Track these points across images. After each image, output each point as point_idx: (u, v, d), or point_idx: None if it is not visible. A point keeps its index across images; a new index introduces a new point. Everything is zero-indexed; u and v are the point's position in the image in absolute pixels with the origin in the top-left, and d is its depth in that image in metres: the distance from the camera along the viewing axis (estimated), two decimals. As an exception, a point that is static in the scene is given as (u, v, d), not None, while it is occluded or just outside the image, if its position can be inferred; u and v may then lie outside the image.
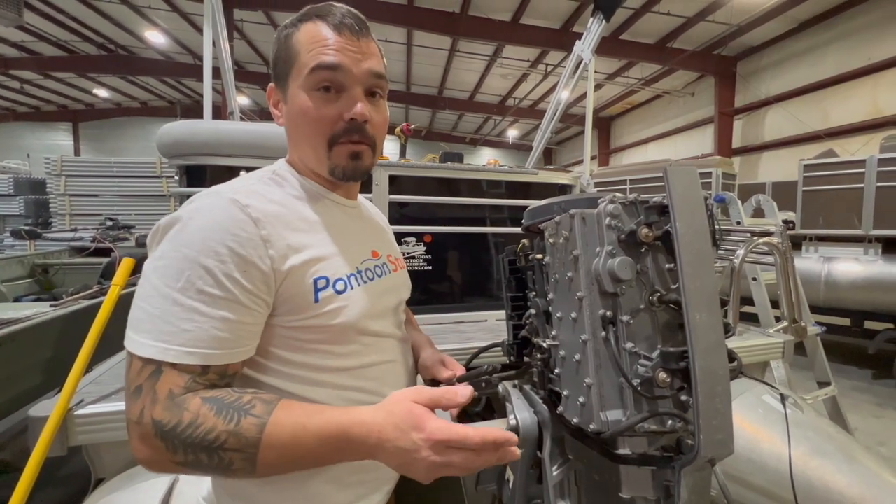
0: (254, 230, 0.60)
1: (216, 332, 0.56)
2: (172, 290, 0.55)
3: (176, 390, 0.54)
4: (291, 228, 0.66)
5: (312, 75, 0.66)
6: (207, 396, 0.55)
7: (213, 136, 1.57)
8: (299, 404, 0.57)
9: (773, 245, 2.19)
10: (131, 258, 1.20)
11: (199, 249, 0.57)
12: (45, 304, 2.24)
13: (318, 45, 0.66)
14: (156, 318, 0.55)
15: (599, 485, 0.61)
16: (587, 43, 2.41)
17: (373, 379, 0.73)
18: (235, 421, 0.53)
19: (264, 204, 0.64)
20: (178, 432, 0.52)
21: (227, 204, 0.61)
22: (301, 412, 0.55)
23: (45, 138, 15.98)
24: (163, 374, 0.54)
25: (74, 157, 6.66)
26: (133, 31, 10.59)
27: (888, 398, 4.06)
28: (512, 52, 10.63)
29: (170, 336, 0.54)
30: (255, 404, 0.55)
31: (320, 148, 0.70)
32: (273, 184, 0.72)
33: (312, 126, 0.69)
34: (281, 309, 0.64)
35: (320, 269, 0.66)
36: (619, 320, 0.55)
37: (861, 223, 4.42)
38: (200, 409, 0.53)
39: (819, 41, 8.42)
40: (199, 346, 0.55)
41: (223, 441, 0.52)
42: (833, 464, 1.16)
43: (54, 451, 0.93)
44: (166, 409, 0.53)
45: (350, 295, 0.69)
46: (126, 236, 4.66)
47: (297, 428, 0.54)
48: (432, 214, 1.92)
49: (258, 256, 0.60)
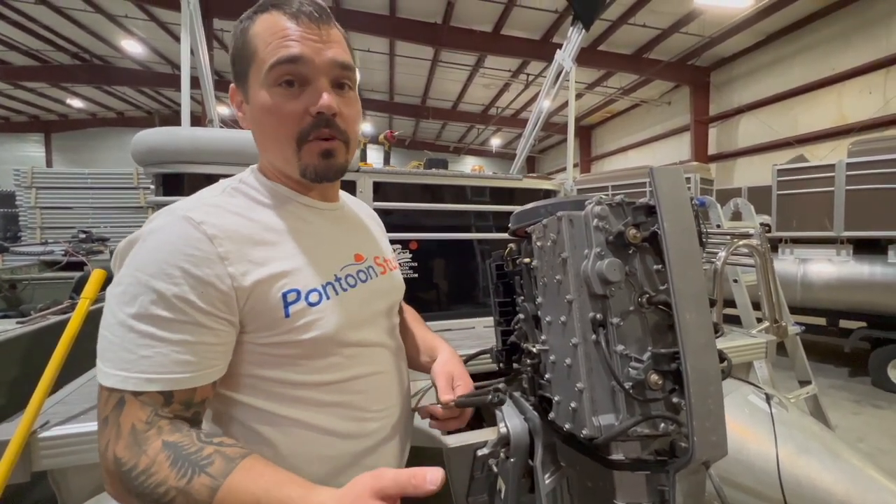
0: (209, 248, 0.57)
1: (176, 356, 0.54)
2: (128, 317, 0.53)
3: (139, 426, 0.52)
4: (254, 242, 0.62)
5: (272, 71, 0.62)
6: (169, 441, 0.52)
7: (190, 143, 1.53)
8: (264, 468, 0.52)
9: (753, 247, 2.24)
10: (103, 270, 1.14)
11: (151, 273, 0.54)
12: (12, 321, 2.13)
13: (276, 38, 0.61)
14: (115, 345, 0.53)
15: (593, 492, 0.59)
16: (568, 52, 2.45)
17: (357, 392, 0.70)
18: (188, 478, 0.49)
19: (223, 218, 0.61)
20: (132, 476, 0.50)
21: (181, 223, 0.58)
22: (261, 482, 0.50)
23: (14, 150, 15.44)
24: (126, 405, 0.52)
25: (46, 169, 6.44)
26: (109, 41, 10.37)
27: (865, 395, 4.18)
28: (494, 62, 10.79)
29: (129, 364, 0.52)
30: (213, 460, 0.51)
31: (288, 148, 0.65)
32: (238, 194, 0.68)
33: (277, 125, 0.64)
34: (250, 326, 0.61)
35: (290, 282, 0.62)
36: (610, 322, 0.55)
37: (833, 225, 4.58)
38: (157, 457, 0.50)
39: (786, 52, 8.80)
40: (160, 372, 0.53)
41: (171, 498, 0.49)
42: (819, 461, 1.18)
43: (16, 478, 0.87)
44: (127, 448, 0.51)
45: (326, 306, 0.65)
46: (100, 249, 4.50)
47: (255, 491, 0.49)
48: (418, 222, 1.91)
49: (215, 275, 0.57)
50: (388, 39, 9.63)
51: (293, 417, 0.64)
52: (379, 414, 0.73)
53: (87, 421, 0.96)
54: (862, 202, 4.39)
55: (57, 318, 2.09)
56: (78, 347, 1.05)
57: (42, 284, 3.60)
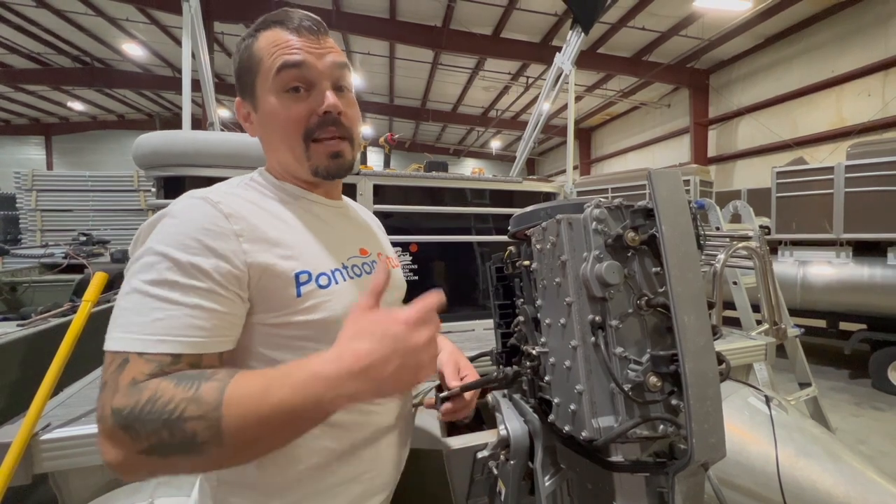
0: (226, 224, 0.60)
1: (190, 320, 0.54)
2: (144, 284, 0.55)
3: (139, 377, 0.50)
4: (269, 225, 0.65)
5: (279, 76, 0.67)
6: (174, 374, 0.51)
7: (191, 146, 1.53)
8: (267, 369, 0.53)
9: (753, 249, 2.24)
10: (104, 273, 1.15)
11: (169, 244, 0.57)
12: (12, 323, 2.13)
13: (280, 48, 0.67)
14: (128, 311, 0.54)
15: (592, 494, 0.60)
16: (567, 55, 2.47)
17: None
18: (196, 387, 0.49)
19: (238, 203, 0.64)
20: (136, 413, 0.47)
21: (199, 202, 0.61)
22: (265, 373, 0.51)
23: (15, 153, 15.46)
24: (128, 363, 0.51)
25: (46, 172, 6.45)
26: (110, 44, 10.41)
27: (865, 397, 4.18)
28: (493, 65, 10.82)
29: (139, 327, 0.53)
30: (217, 372, 0.52)
31: (297, 148, 0.69)
32: (250, 189, 0.71)
33: (286, 126, 0.69)
34: (261, 306, 0.62)
35: (301, 264, 0.65)
36: (609, 325, 0.55)
37: (832, 227, 4.59)
38: (160, 385, 0.49)
39: (785, 55, 8.83)
40: (172, 334, 0.53)
41: (182, 409, 0.47)
42: (819, 464, 1.17)
43: (18, 480, 0.87)
44: (125, 396, 0.49)
45: (334, 290, 0.67)
46: (101, 252, 4.50)
47: (263, 379, 0.49)
48: (417, 224, 1.91)
49: (230, 250, 0.59)
50: (388, 42, 9.66)
51: None
52: (380, 407, 0.74)
53: (88, 423, 0.96)
54: (861, 204, 4.40)
55: (58, 321, 2.09)
56: (79, 350, 1.05)
57: (42, 287, 3.60)
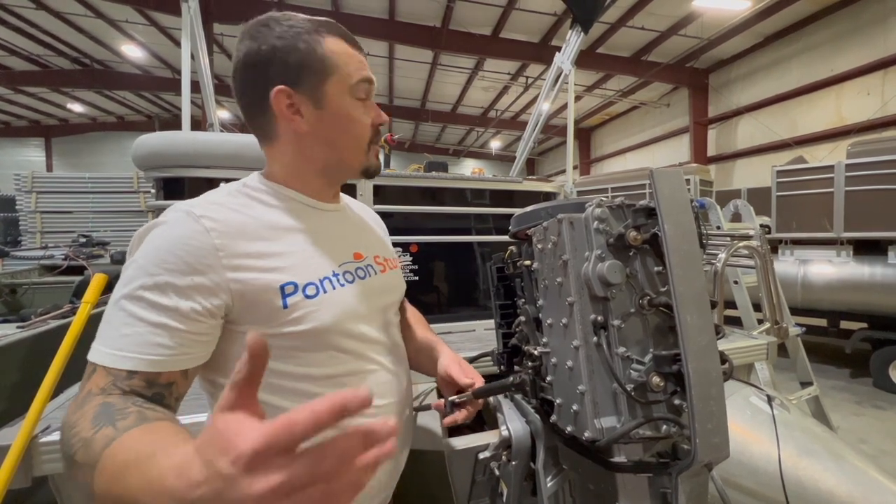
0: (206, 239, 0.61)
1: (152, 337, 0.56)
2: (121, 298, 0.58)
3: (94, 389, 0.53)
4: (254, 237, 0.66)
5: (358, 86, 0.73)
6: (107, 402, 0.50)
7: (191, 147, 1.53)
8: (167, 430, 0.46)
9: (753, 248, 2.24)
10: (104, 274, 1.14)
11: (149, 260, 0.59)
12: (12, 325, 2.12)
13: (354, 60, 0.74)
14: (105, 324, 0.57)
15: (595, 494, 0.59)
16: (567, 55, 2.47)
17: (355, 387, 0.70)
18: (97, 429, 0.46)
19: (223, 214, 0.65)
20: (62, 432, 0.49)
21: (183, 217, 0.63)
22: (151, 439, 0.44)
23: (15, 154, 15.44)
24: (94, 374, 0.54)
25: (46, 173, 6.45)
26: (109, 46, 10.40)
27: (866, 396, 4.17)
28: (493, 66, 10.81)
29: (111, 340, 0.55)
30: (128, 416, 0.47)
31: (361, 150, 0.77)
32: (240, 195, 0.72)
33: (363, 130, 0.76)
34: (247, 318, 0.63)
35: (288, 275, 0.65)
36: (611, 325, 0.55)
37: (832, 226, 4.58)
38: (87, 412, 0.49)
39: (784, 54, 8.82)
40: (133, 351, 0.55)
41: (76, 451, 0.46)
42: (821, 463, 1.17)
43: (17, 483, 0.87)
44: (75, 406, 0.51)
45: (322, 299, 0.67)
46: (101, 253, 4.50)
47: (137, 451, 0.42)
48: (418, 224, 1.91)
49: (208, 265, 0.60)
50: (387, 43, 9.65)
51: (290, 410, 0.64)
52: (377, 410, 0.73)
53: (87, 425, 0.96)
54: (861, 203, 4.40)
55: (57, 323, 2.08)
56: (79, 352, 1.05)
57: (42, 289, 3.59)
